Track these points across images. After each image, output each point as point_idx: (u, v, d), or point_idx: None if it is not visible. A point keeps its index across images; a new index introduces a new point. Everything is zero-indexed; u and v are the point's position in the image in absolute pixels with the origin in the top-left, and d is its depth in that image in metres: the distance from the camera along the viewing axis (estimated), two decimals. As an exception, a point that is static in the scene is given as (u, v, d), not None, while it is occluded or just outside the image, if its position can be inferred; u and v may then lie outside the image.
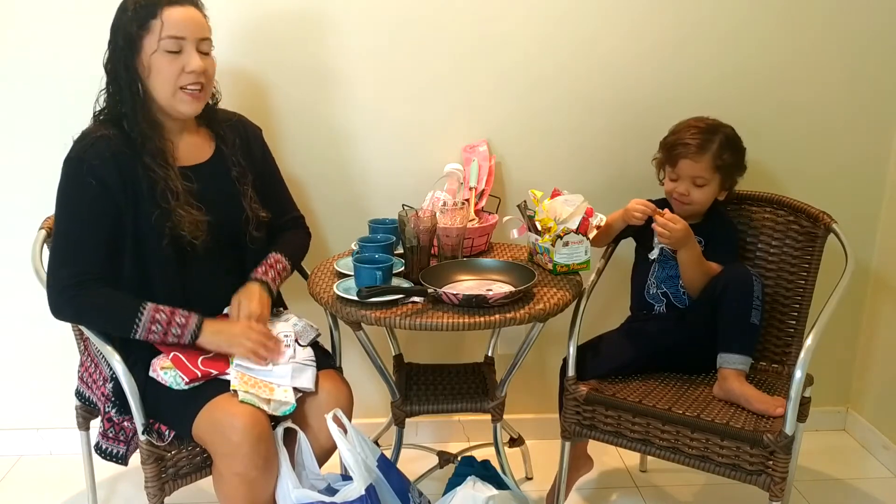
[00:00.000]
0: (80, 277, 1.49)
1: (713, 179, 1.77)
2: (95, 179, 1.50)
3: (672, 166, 1.79)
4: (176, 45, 1.52)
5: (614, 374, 1.76)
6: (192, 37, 1.53)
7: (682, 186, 1.78)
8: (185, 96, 1.55)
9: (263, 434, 1.46)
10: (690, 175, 1.76)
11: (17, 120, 1.99)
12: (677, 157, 1.77)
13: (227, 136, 1.70)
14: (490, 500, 1.65)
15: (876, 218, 2.22)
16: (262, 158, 1.78)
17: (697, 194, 1.78)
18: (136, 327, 1.48)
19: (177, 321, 1.51)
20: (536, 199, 1.84)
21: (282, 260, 1.72)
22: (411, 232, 1.72)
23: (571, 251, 1.77)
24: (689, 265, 1.75)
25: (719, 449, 1.57)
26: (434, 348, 2.21)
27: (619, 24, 2.02)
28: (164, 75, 1.53)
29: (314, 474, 1.58)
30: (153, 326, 1.49)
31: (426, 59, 2.02)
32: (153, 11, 1.50)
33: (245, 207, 1.66)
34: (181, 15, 1.52)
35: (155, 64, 1.52)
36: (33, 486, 2.11)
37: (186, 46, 1.53)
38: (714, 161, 1.74)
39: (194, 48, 1.54)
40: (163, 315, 1.50)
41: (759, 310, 1.69)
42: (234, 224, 1.65)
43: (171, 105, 1.56)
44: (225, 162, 1.68)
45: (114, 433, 1.58)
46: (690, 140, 1.75)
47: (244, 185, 1.68)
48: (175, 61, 1.52)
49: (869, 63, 2.09)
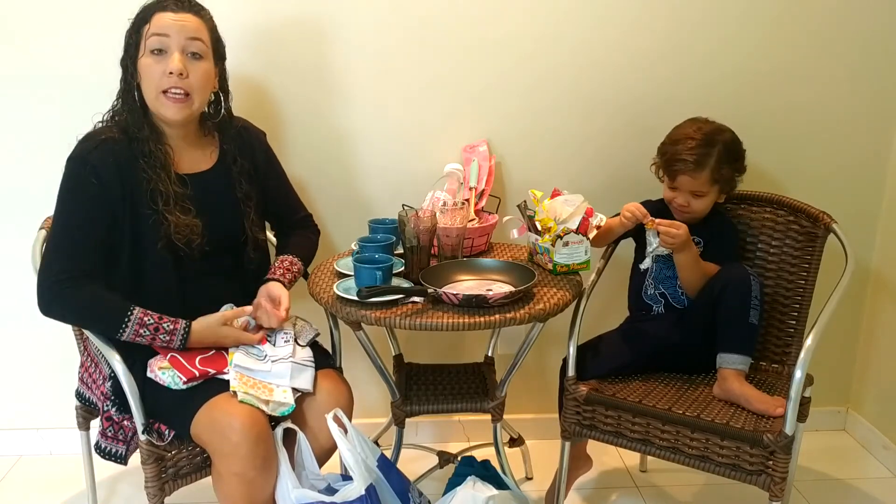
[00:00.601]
0: (71, 274, 1.49)
1: (712, 191, 1.77)
2: (97, 180, 1.50)
3: (671, 179, 1.79)
4: (159, 42, 1.51)
5: (614, 375, 1.76)
6: (177, 38, 1.52)
7: (682, 198, 1.78)
8: (167, 101, 1.54)
9: (262, 434, 1.46)
10: (689, 189, 1.76)
11: (17, 120, 1.99)
12: (676, 173, 1.76)
13: (231, 148, 1.69)
14: (490, 500, 1.65)
15: (876, 218, 2.22)
16: (267, 163, 1.78)
17: (697, 204, 1.78)
18: (122, 330, 1.49)
19: (164, 327, 1.51)
20: (536, 199, 1.84)
21: (297, 262, 1.74)
22: (411, 232, 1.72)
23: (571, 251, 1.77)
24: (687, 267, 1.75)
25: (719, 449, 1.57)
26: (434, 348, 2.21)
27: (619, 24, 2.02)
28: (148, 77, 1.53)
29: (314, 474, 1.58)
30: (141, 330, 1.49)
31: (426, 59, 2.02)
32: (147, 17, 1.53)
33: (246, 229, 1.67)
34: (173, 18, 1.53)
35: (143, 67, 1.53)
36: (33, 486, 2.11)
37: (171, 47, 1.52)
38: (713, 176, 1.74)
39: (179, 49, 1.52)
40: (150, 319, 1.50)
41: (758, 309, 1.69)
42: (231, 236, 1.66)
43: (156, 109, 1.56)
44: (227, 173, 1.67)
45: (113, 432, 1.58)
46: (688, 156, 1.73)
47: (248, 206, 1.68)
48: (159, 63, 1.52)
49: (869, 63, 2.09)
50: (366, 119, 2.06)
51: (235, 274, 1.68)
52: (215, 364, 1.55)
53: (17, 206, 2.04)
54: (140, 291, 1.55)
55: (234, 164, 1.68)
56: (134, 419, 1.51)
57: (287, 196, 1.85)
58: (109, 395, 1.58)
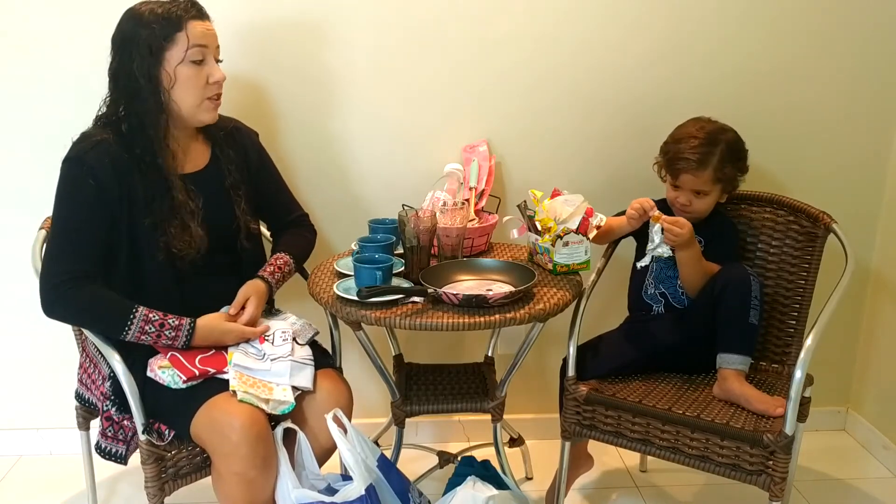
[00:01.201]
0: (73, 275, 1.49)
1: (714, 190, 1.77)
2: (94, 181, 1.51)
3: (673, 178, 1.79)
4: (200, 54, 1.56)
5: (614, 375, 1.76)
6: (211, 47, 1.59)
7: (684, 197, 1.78)
8: (210, 105, 1.61)
9: (262, 434, 1.46)
10: (692, 188, 1.76)
11: (17, 120, 1.99)
12: (678, 172, 1.76)
13: (223, 143, 1.71)
14: (490, 500, 1.65)
15: (876, 218, 2.22)
16: (260, 163, 1.79)
17: (699, 204, 1.78)
18: (126, 330, 1.49)
19: (170, 323, 1.51)
20: (536, 199, 1.84)
21: (290, 262, 1.75)
22: (411, 232, 1.72)
23: (571, 251, 1.77)
24: (689, 265, 1.74)
25: (719, 449, 1.57)
26: (434, 348, 2.21)
27: (619, 23, 2.02)
28: (191, 85, 1.56)
29: (314, 474, 1.58)
30: (146, 327, 1.50)
31: (426, 59, 2.02)
32: (179, 25, 1.53)
33: (237, 216, 1.68)
34: (203, 27, 1.57)
35: (181, 75, 1.55)
36: (33, 486, 2.11)
37: (208, 57, 1.58)
38: (715, 174, 1.74)
39: (213, 59, 1.59)
40: (155, 316, 1.51)
41: (758, 309, 1.69)
42: (226, 231, 1.67)
43: (194, 115, 1.60)
44: (220, 169, 1.69)
45: (113, 432, 1.58)
46: (690, 155, 1.74)
47: (237, 194, 1.69)
48: (200, 72, 1.57)
49: (869, 63, 2.09)
50: (366, 119, 2.06)
51: (232, 271, 1.68)
52: (215, 363, 1.55)
53: (17, 206, 2.04)
54: (140, 292, 1.55)
55: (221, 154, 1.70)
56: (134, 419, 1.51)
57: (281, 194, 1.85)
58: (109, 395, 1.58)
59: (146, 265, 1.57)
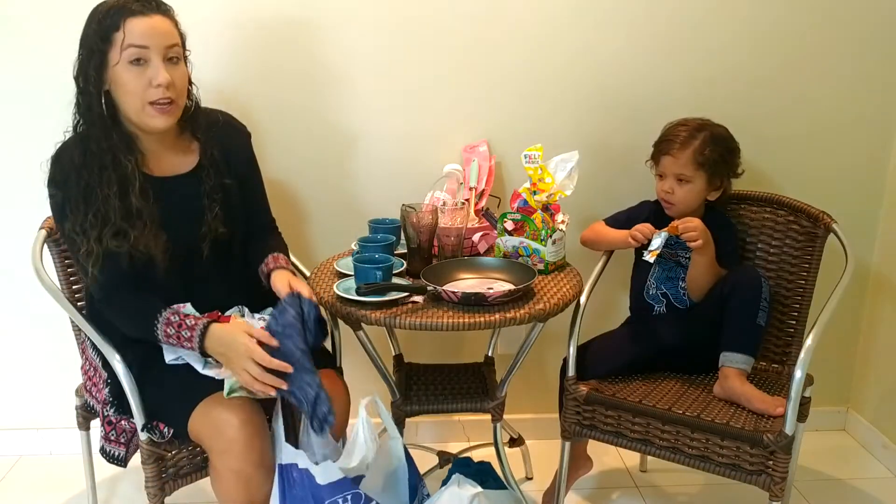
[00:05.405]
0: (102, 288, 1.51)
1: (696, 176, 1.76)
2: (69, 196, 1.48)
3: (657, 163, 1.80)
4: (138, 54, 1.44)
5: (614, 374, 1.77)
6: (157, 46, 1.45)
7: (667, 184, 1.78)
8: (154, 111, 1.48)
9: (258, 430, 1.46)
10: (673, 172, 1.76)
11: (17, 120, 1.99)
12: (660, 154, 1.78)
13: (210, 143, 1.63)
14: (475, 498, 1.64)
15: (876, 218, 2.22)
16: (247, 162, 1.72)
17: (680, 192, 1.77)
18: (157, 336, 1.49)
19: (187, 323, 1.48)
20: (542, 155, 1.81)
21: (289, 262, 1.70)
22: (412, 230, 1.72)
23: (557, 248, 1.80)
24: (703, 267, 1.74)
25: (719, 449, 1.57)
26: (434, 348, 2.21)
27: (619, 24, 2.02)
28: (130, 89, 1.46)
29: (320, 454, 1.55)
30: (168, 329, 1.48)
31: (426, 59, 2.02)
32: (116, 23, 1.43)
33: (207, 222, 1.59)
34: (144, 24, 1.44)
35: (120, 77, 1.45)
36: (33, 486, 2.11)
37: (152, 57, 1.45)
38: (696, 157, 1.74)
39: (161, 58, 1.46)
40: (176, 318, 1.49)
41: (766, 312, 1.69)
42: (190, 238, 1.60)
43: (140, 120, 1.50)
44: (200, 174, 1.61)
45: (115, 435, 1.59)
46: (673, 137, 1.77)
47: (213, 200, 1.60)
48: (141, 74, 1.45)
49: (869, 63, 2.09)
50: (366, 119, 2.06)
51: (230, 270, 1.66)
52: None
53: (17, 207, 2.04)
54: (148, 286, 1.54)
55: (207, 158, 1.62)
56: (133, 419, 1.52)
57: (260, 197, 1.78)
58: (108, 399, 1.58)
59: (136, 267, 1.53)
